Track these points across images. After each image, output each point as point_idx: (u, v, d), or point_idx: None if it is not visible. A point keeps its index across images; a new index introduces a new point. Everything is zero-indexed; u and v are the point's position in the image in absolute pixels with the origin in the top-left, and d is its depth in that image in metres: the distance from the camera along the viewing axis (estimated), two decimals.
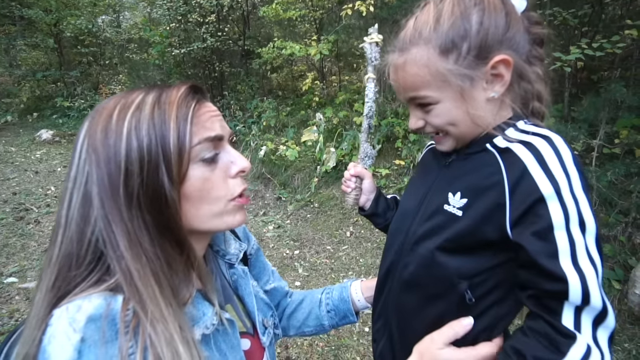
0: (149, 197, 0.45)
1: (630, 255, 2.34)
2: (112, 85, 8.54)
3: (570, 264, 0.49)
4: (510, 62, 0.55)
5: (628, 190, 2.45)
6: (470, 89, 0.56)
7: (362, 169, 0.87)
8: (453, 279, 0.59)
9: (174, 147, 0.45)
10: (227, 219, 0.53)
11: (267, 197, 4.26)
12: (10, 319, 2.26)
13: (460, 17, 0.55)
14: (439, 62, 0.55)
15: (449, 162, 0.66)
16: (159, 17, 6.41)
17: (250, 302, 0.66)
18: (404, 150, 3.79)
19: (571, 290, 0.48)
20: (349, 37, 5.12)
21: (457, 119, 0.59)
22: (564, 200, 0.50)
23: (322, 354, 2.06)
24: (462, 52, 0.55)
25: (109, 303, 0.41)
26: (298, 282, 2.75)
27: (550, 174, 0.50)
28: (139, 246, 0.45)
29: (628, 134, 2.45)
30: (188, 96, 0.49)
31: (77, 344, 0.39)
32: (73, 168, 0.46)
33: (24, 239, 3.23)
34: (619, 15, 3.12)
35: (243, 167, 0.53)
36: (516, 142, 0.55)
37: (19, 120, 7.89)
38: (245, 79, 6.38)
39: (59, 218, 0.46)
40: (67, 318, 0.40)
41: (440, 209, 0.62)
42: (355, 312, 0.83)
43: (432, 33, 0.56)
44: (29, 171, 4.98)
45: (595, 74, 3.34)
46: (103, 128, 0.46)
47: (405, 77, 0.59)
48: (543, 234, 0.50)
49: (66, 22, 7.92)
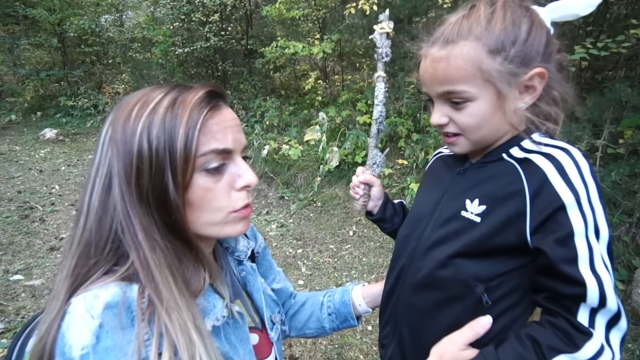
0: (156, 197, 0.46)
1: (634, 255, 2.33)
2: (116, 85, 8.56)
3: (589, 270, 0.51)
4: (546, 75, 0.57)
5: (632, 190, 2.44)
6: (508, 94, 0.57)
7: (371, 177, 0.86)
8: (470, 282, 0.60)
9: (181, 153, 0.45)
10: (227, 229, 0.52)
11: (270, 196, 4.27)
12: (16, 316, 2.27)
13: (512, 23, 0.56)
14: (487, 60, 0.55)
15: (464, 169, 0.67)
16: (162, 17, 6.42)
17: (259, 298, 0.67)
18: (407, 150, 3.79)
19: (589, 294, 0.51)
20: (352, 36, 5.12)
21: (485, 122, 0.59)
22: (583, 208, 0.52)
23: (325, 352, 2.07)
24: (509, 55, 0.56)
25: (125, 291, 0.43)
26: (301, 281, 2.76)
27: (571, 184, 0.52)
28: (153, 239, 0.46)
29: (632, 134, 2.45)
30: (202, 102, 0.48)
31: (95, 330, 0.40)
32: (97, 157, 0.48)
33: (29, 237, 3.25)
34: (624, 14, 3.11)
35: (249, 182, 0.52)
36: (535, 154, 0.57)
37: (23, 119, 7.93)
38: (248, 78, 6.39)
39: (81, 204, 0.48)
40: (84, 306, 0.41)
41: (457, 215, 0.63)
42: (356, 316, 0.83)
43: (484, 32, 0.56)
44: (34, 170, 5.01)
45: (599, 74, 3.32)
46: (123, 122, 0.47)
47: (448, 69, 0.58)
48: (564, 241, 0.52)
49: (69, 22, 7.94)
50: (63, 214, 3.75)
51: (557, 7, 0.61)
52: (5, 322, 2.22)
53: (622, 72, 3.04)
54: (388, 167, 3.80)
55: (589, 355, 0.50)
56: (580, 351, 0.50)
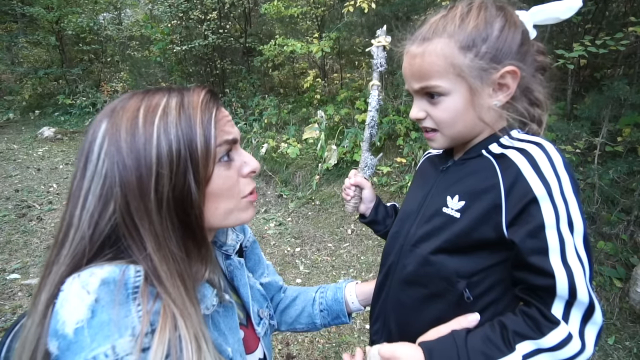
0: (176, 199, 0.46)
1: (632, 253, 2.33)
2: (114, 83, 8.53)
3: (560, 261, 0.52)
4: (518, 73, 0.59)
5: (630, 188, 2.44)
6: (480, 90, 0.59)
7: (362, 179, 0.89)
8: (452, 278, 0.61)
9: (201, 149, 0.47)
10: (240, 215, 0.56)
11: (268, 194, 4.26)
12: (13, 315, 2.27)
13: (484, 21, 0.59)
14: (458, 56, 0.58)
15: (447, 167, 0.70)
16: (160, 14, 6.40)
17: (245, 292, 0.68)
18: (405, 148, 3.79)
19: (558, 286, 0.52)
20: (351, 34, 5.11)
21: (458, 117, 0.62)
22: (555, 201, 0.53)
23: (322, 350, 2.07)
24: (480, 51, 0.58)
25: (122, 270, 0.42)
26: (299, 280, 2.76)
27: (543, 177, 0.54)
28: (166, 248, 0.46)
29: (631, 132, 2.44)
30: (210, 101, 0.51)
31: (91, 304, 0.39)
32: (90, 168, 0.46)
33: (26, 235, 3.24)
34: (623, 12, 3.10)
35: (254, 167, 0.56)
36: (510, 149, 0.59)
37: (21, 117, 7.91)
38: (247, 76, 6.37)
39: (71, 217, 0.46)
40: (79, 282, 0.41)
41: (439, 212, 0.64)
42: (348, 313, 0.84)
43: (456, 29, 0.59)
44: (31, 168, 5.00)
45: (598, 72, 3.31)
46: (129, 130, 0.46)
47: (422, 64, 0.61)
48: (535, 233, 0.53)
49: (67, 20, 7.91)
50: (61, 212, 3.73)
51: (539, 10, 0.63)
52: (1, 321, 2.21)
53: (621, 70, 3.03)
54: (387, 165, 3.80)
55: (553, 343, 0.51)
56: (544, 338, 0.52)
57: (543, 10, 0.63)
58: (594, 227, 2.46)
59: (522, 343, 0.53)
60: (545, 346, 0.52)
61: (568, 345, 0.51)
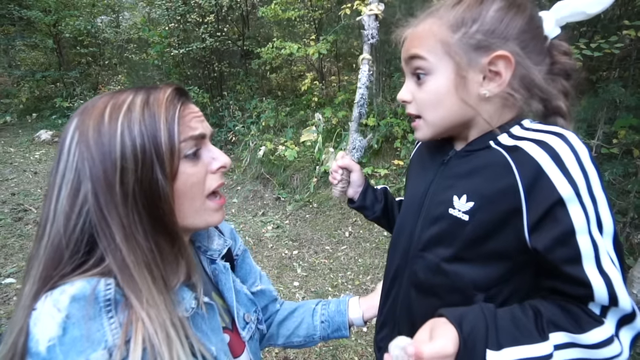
0: (144, 192, 0.47)
1: (628, 255, 2.34)
2: (112, 86, 8.53)
3: (595, 269, 0.47)
4: (510, 60, 0.52)
5: (626, 190, 2.45)
6: (466, 74, 0.55)
7: (350, 162, 0.84)
8: (468, 291, 0.56)
9: (166, 145, 0.48)
10: (207, 218, 0.56)
11: (266, 197, 4.26)
12: (8, 320, 2.26)
13: (478, 2, 0.55)
14: (447, 33, 0.56)
15: (447, 159, 0.63)
16: (158, 18, 6.41)
17: (230, 296, 0.67)
18: (402, 150, 3.79)
19: (596, 295, 0.47)
20: (348, 37, 5.12)
21: (441, 99, 0.57)
22: (584, 201, 0.47)
23: (320, 353, 2.06)
24: (469, 31, 0.54)
25: (92, 285, 0.43)
26: (297, 282, 2.75)
27: (568, 174, 0.47)
28: (133, 239, 0.47)
29: (626, 134, 2.45)
30: (175, 98, 0.52)
31: (62, 321, 0.40)
32: (61, 164, 0.48)
33: (22, 239, 3.22)
34: (618, 15, 3.12)
35: (224, 162, 0.56)
36: (525, 140, 0.52)
37: (18, 120, 7.88)
38: (245, 79, 6.37)
39: (47, 212, 0.48)
40: (51, 300, 0.42)
41: (445, 214, 0.59)
42: (349, 326, 0.83)
43: (449, 10, 0.57)
44: (28, 172, 4.98)
45: (593, 74, 3.34)
46: (95, 127, 0.47)
47: (413, 39, 0.60)
48: (564, 239, 0.48)
49: (65, 23, 7.90)
50: None
51: (564, 5, 0.56)
52: None
53: (616, 73, 3.05)
54: (384, 167, 3.80)
55: (595, 341, 0.47)
56: (586, 334, 0.47)
57: (568, 5, 0.56)
58: None
59: (556, 333, 0.48)
60: (584, 342, 0.47)
61: (609, 346, 0.47)
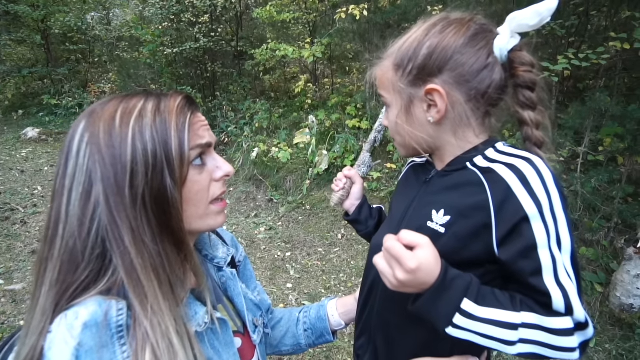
0: (154, 197, 0.48)
1: (612, 259, 2.42)
2: (102, 84, 8.38)
3: (553, 280, 0.53)
4: (441, 92, 0.59)
5: (611, 196, 2.53)
6: (411, 105, 0.63)
7: (355, 174, 0.89)
8: None
9: (176, 152, 0.49)
10: (209, 221, 0.57)
11: (258, 199, 4.25)
12: None
13: (417, 40, 0.62)
14: (392, 74, 0.65)
15: (429, 178, 0.69)
16: (150, 16, 6.32)
17: (240, 302, 0.69)
18: (395, 154, 3.84)
19: (555, 304, 0.52)
20: (343, 40, 5.15)
21: (399, 129, 0.66)
22: (546, 219, 0.53)
23: (313, 355, 2.07)
24: (406, 70, 0.62)
25: (105, 310, 0.44)
26: (290, 284, 2.76)
27: (533, 194, 0.53)
28: (141, 242, 0.47)
29: (611, 142, 2.54)
30: (185, 107, 0.53)
31: (74, 350, 0.41)
32: (70, 165, 0.48)
33: (9, 239, 3.16)
34: (604, 26, 3.22)
35: (227, 171, 0.58)
36: (498, 163, 0.58)
37: (3, 117, 7.69)
38: (238, 80, 6.35)
39: (57, 213, 0.48)
40: (65, 325, 0.43)
41: (423, 226, 0.63)
42: (332, 331, 0.84)
43: (395, 52, 0.65)
44: (15, 170, 4.87)
45: (581, 83, 3.43)
46: (106, 129, 0.48)
47: (377, 78, 0.69)
48: (527, 253, 0.53)
49: (54, 19, 7.74)
50: (45, 216, 3.65)
51: (512, 18, 0.60)
52: None
53: (602, 82, 3.15)
54: (377, 170, 3.84)
55: (558, 327, 0.52)
56: (552, 319, 0.52)
57: (515, 18, 0.59)
58: (576, 234, 2.54)
59: (528, 313, 0.53)
60: (549, 326, 0.52)
61: (568, 337, 0.52)
